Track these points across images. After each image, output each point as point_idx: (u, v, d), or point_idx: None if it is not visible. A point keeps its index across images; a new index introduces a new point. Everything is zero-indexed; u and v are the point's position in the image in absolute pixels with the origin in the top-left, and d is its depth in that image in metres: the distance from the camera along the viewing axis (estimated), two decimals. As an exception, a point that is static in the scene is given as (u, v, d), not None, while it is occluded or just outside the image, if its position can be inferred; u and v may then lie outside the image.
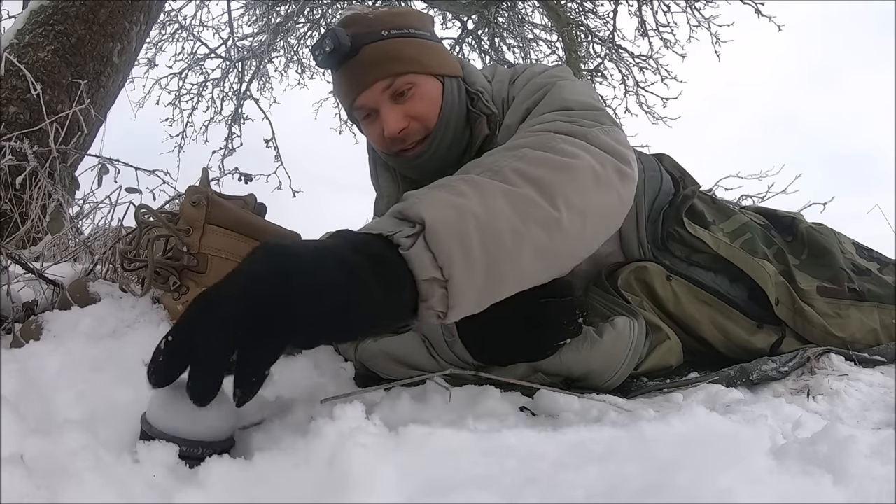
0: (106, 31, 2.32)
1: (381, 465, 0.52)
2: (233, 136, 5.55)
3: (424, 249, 0.67)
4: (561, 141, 0.86)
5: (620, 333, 1.07)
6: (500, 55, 5.96)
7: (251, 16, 5.86)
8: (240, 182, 2.07)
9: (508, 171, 0.77)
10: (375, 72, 1.11)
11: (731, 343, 1.26)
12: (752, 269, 1.26)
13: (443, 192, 0.73)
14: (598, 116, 0.97)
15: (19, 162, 1.74)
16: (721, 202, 1.44)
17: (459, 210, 0.70)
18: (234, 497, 0.53)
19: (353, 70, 1.13)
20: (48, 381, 0.75)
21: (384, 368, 1.13)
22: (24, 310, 1.05)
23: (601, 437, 0.61)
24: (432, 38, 1.22)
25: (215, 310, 0.59)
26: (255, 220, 1.08)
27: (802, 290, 1.27)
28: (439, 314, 0.70)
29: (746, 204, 2.23)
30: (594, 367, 1.06)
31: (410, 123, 1.13)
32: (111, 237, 1.33)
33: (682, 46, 5.15)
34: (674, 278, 1.24)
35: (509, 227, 0.72)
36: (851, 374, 1.14)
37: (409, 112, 1.12)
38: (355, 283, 0.62)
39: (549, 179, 0.77)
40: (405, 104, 1.12)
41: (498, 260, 0.71)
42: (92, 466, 0.53)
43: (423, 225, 0.67)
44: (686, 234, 1.28)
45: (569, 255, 0.83)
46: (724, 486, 0.47)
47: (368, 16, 1.16)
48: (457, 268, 0.68)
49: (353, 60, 1.12)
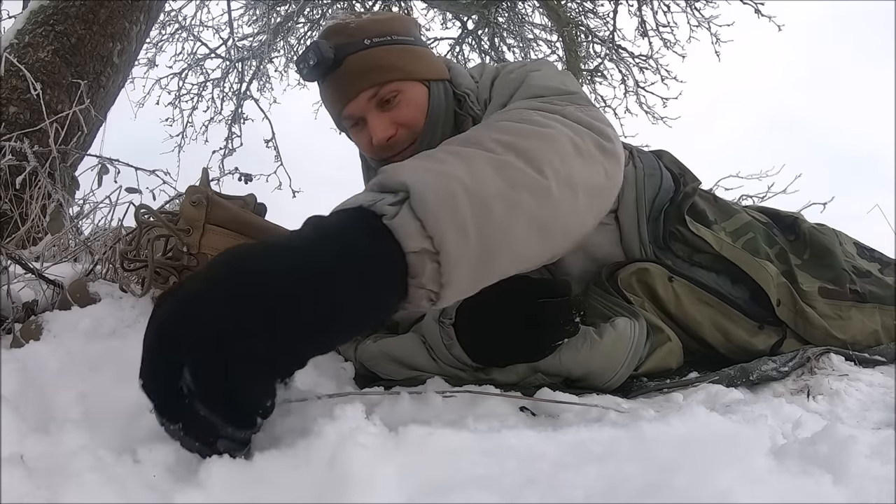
0: (106, 31, 2.32)
1: (381, 466, 0.52)
2: (233, 136, 5.55)
3: (411, 217, 0.60)
4: (535, 114, 0.83)
5: (621, 334, 1.07)
6: (500, 55, 5.95)
7: (251, 16, 5.86)
8: (240, 182, 2.07)
9: (488, 141, 0.72)
10: (360, 82, 1.12)
11: (731, 345, 1.26)
12: (755, 270, 1.25)
13: (423, 160, 0.68)
14: (573, 98, 0.94)
15: (19, 162, 1.74)
16: (723, 201, 1.43)
17: (445, 176, 0.63)
18: (234, 497, 0.53)
19: (338, 81, 1.13)
20: (48, 381, 0.75)
21: (384, 369, 1.13)
22: (24, 310, 1.05)
23: (601, 437, 0.61)
24: (417, 43, 1.22)
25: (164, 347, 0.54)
26: (255, 220, 1.08)
27: (804, 291, 1.26)
28: (431, 295, 0.63)
29: (747, 203, 2.23)
30: (594, 368, 1.06)
31: (398, 131, 1.13)
32: (111, 237, 1.33)
33: (682, 46, 5.15)
34: (676, 279, 1.24)
35: (498, 193, 0.66)
36: (851, 374, 1.14)
37: (395, 119, 1.13)
38: (330, 295, 0.55)
39: (531, 146, 0.73)
40: (391, 112, 1.13)
41: (490, 229, 0.64)
42: (92, 466, 0.53)
43: (407, 191, 0.61)
44: (688, 234, 1.28)
45: (563, 228, 0.75)
46: (724, 486, 0.47)
47: (350, 25, 1.15)
48: (448, 236, 0.60)
49: (338, 72, 1.13)
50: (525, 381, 1.08)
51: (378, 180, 0.65)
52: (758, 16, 4.64)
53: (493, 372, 1.06)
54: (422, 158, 0.69)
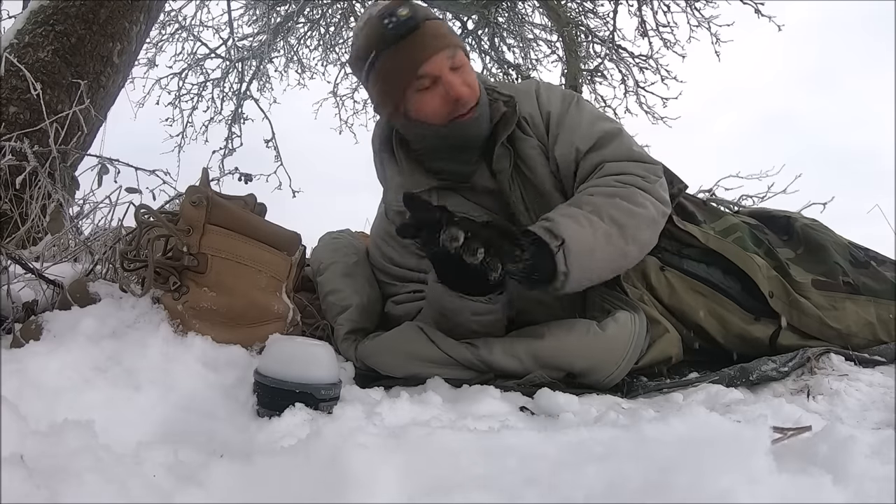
0: (106, 31, 2.32)
1: (381, 465, 0.52)
2: (233, 136, 5.54)
3: (562, 256, 1.06)
4: (639, 195, 1.19)
5: (623, 327, 1.12)
6: (500, 55, 5.95)
7: (251, 16, 5.85)
8: (240, 182, 2.07)
9: (605, 216, 1.14)
10: (439, 42, 1.21)
11: (729, 333, 1.28)
12: (742, 261, 1.29)
13: (573, 222, 1.11)
14: (656, 171, 1.26)
15: (19, 162, 1.74)
16: (711, 206, 1.50)
17: (582, 237, 1.10)
18: (234, 497, 0.53)
19: (418, 41, 1.21)
20: (48, 381, 0.75)
21: (383, 364, 1.16)
22: (24, 310, 1.05)
23: (601, 437, 0.61)
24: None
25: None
26: (256, 221, 1.08)
27: (797, 283, 1.29)
28: (556, 289, 1.09)
29: (746, 204, 2.25)
30: (596, 362, 1.09)
31: (467, 89, 1.23)
32: (111, 237, 1.33)
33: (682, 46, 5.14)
34: (667, 269, 1.30)
35: (602, 251, 1.12)
36: (851, 374, 1.14)
37: (466, 82, 1.23)
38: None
39: (630, 224, 1.15)
40: (463, 74, 1.23)
41: (591, 269, 1.12)
42: (92, 466, 0.53)
43: (564, 241, 1.07)
44: (675, 230, 1.33)
45: (621, 269, 1.22)
46: (724, 486, 0.47)
47: (413, 1, 1.27)
48: (573, 270, 1.08)
49: (417, 32, 1.21)
50: (526, 378, 1.09)
51: (548, 227, 1.09)
52: (758, 16, 4.63)
53: (495, 352, 1.10)
54: (572, 219, 1.11)
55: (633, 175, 1.23)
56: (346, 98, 5.83)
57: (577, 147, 1.27)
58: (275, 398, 0.81)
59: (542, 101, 1.33)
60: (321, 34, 5.95)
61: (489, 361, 1.11)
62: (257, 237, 1.04)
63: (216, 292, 0.99)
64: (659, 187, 1.24)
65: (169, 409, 0.78)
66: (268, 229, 1.07)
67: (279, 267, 1.07)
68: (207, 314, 0.98)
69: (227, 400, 0.84)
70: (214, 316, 0.98)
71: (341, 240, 1.50)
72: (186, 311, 0.97)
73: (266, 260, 1.04)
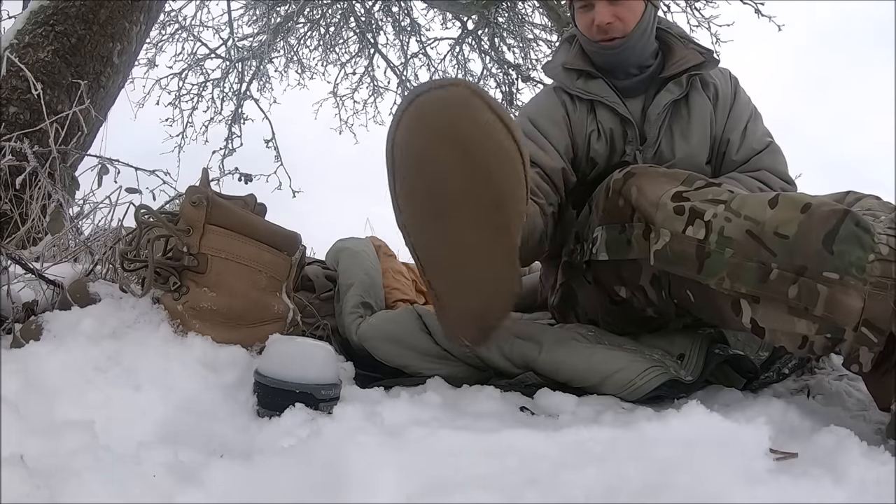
0: (106, 32, 2.31)
1: (381, 465, 0.52)
2: (233, 136, 5.53)
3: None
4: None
5: (624, 373, 1.07)
6: (500, 55, 5.95)
7: (251, 16, 5.84)
8: (240, 182, 2.07)
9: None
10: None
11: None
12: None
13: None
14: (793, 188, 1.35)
15: (19, 162, 1.73)
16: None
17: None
18: (234, 497, 0.53)
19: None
20: (48, 381, 0.75)
21: (382, 352, 1.17)
22: (24, 310, 1.05)
23: (601, 437, 0.61)
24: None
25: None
26: (256, 221, 1.08)
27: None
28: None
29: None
30: (587, 385, 1.06)
31: (615, 21, 1.31)
32: (111, 237, 1.33)
33: (682, 46, 5.14)
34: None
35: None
36: (851, 374, 1.14)
37: (616, 13, 1.32)
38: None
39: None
40: (615, 7, 1.31)
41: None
42: (92, 466, 0.53)
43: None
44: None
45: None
46: (724, 486, 0.47)
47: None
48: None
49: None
50: (518, 378, 1.09)
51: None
52: (758, 16, 4.63)
53: (493, 350, 1.11)
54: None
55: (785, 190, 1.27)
56: (346, 98, 5.83)
57: (751, 147, 1.37)
58: (275, 398, 0.81)
59: (739, 92, 1.42)
60: (321, 34, 5.94)
61: (486, 358, 1.11)
62: (257, 237, 1.04)
63: (216, 292, 0.99)
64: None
65: (169, 410, 0.78)
66: (268, 229, 1.07)
67: (279, 267, 1.07)
68: (207, 314, 0.98)
69: (227, 400, 0.84)
70: (214, 316, 0.98)
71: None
72: (186, 311, 0.97)
73: (266, 260, 1.04)
